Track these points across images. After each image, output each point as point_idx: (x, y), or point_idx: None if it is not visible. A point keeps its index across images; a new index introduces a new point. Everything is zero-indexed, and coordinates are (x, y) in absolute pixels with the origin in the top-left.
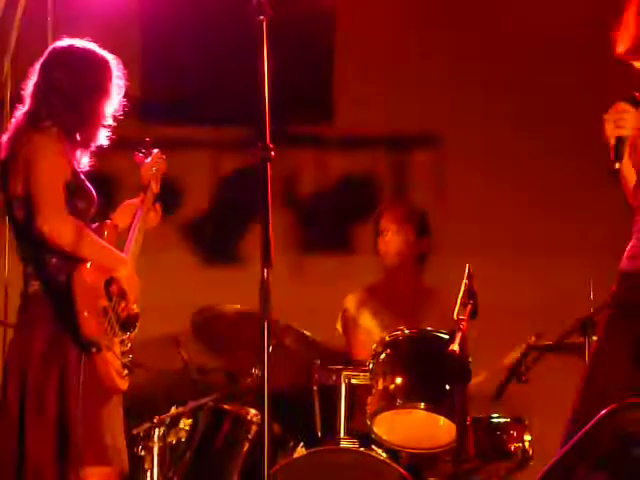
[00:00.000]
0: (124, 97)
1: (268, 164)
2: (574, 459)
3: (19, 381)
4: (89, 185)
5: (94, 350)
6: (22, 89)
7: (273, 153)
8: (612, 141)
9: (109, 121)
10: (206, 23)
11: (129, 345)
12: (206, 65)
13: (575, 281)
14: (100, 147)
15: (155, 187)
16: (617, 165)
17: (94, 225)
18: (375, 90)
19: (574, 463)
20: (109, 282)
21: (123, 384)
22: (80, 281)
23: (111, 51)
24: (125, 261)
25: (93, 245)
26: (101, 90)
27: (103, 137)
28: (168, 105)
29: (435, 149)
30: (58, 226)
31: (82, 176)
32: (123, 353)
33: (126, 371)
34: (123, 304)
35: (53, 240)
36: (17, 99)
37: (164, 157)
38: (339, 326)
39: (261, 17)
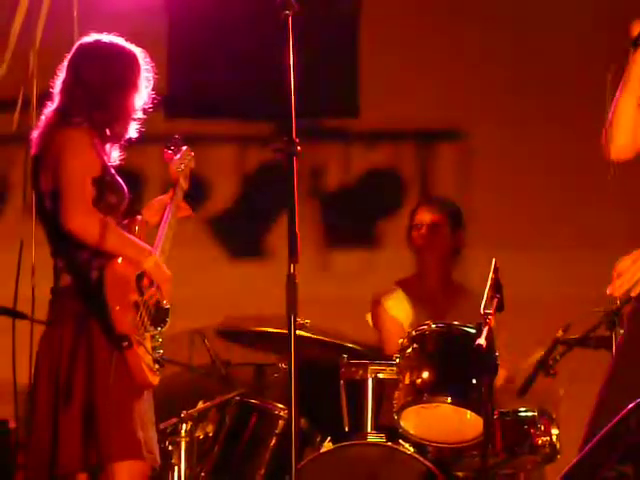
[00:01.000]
0: (152, 90)
1: (294, 159)
2: (601, 453)
3: (50, 376)
4: (120, 180)
5: (126, 345)
6: (49, 86)
7: (299, 148)
8: None
9: (138, 115)
10: (232, 18)
11: (160, 340)
12: (232, 60)
13: (602, 273)
14: (129, 141)
15: (184, 183)
16: None
17: (125, 220)
18: (400, 84)
19: (601, 457)
20: (140, 276)
21: (154, 379)
22: (112, 276)
23: (137, 46)
24: (150, 252)
25: (120, 239)
26: (130, 84)
27: (133, 131)
28: (194, 100)
29: (460, 143)
30: (84, 223)
31: (113, 171)
32: (154, 348)
33: (157, 366)
34: (156, 296)
35: (80, 237)
36: (43, 95)
37: (193, 154)
38: (369, 318)
39: (287, 12)
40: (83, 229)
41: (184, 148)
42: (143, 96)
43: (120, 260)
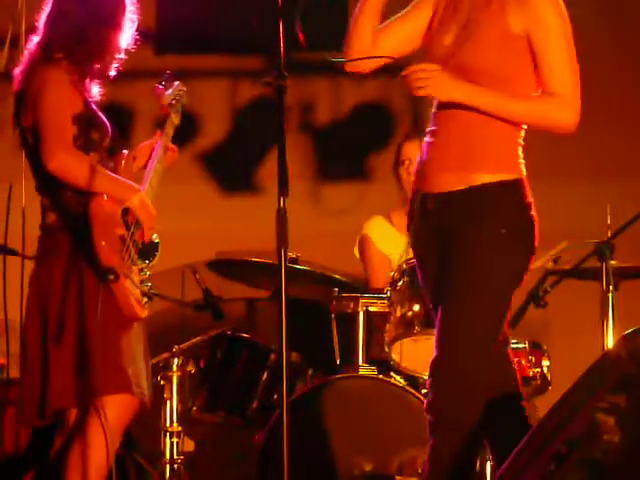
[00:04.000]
0: (138, 29)
1: (283, 92)
2: (589, 386)
3: (40, 311)
4: (102, 116)
5: (112, 278)
6: (36, 21)
7: (288, 81)
8: None
9: (121, 54)
10: None
11: (148, 274)
12: None
13: (592, 205)
14: (117, 77)
15: (175, 119)
16: None
17: (110, 156)
18: (388, 17)
19: (589, 390)
20: (125, 211)
21: (143, 312)
22: (97, 211)
23: None
24: (135, 189)
25: (102, 178)
26: (112, 22)
27: (114, 69)
28: (183, 35)
29: None
30: (64, 162)
31: (95, 107)
32: (142, 281)
33: (145, 299)
34: (139, 233)
35: (61, 176)
36: (32, 32)
37: (185, 89)
38: (356, 251)
39: None
40: (64, 168)
41: (176, 83)
42: (127, 36)
43: (105, 196)
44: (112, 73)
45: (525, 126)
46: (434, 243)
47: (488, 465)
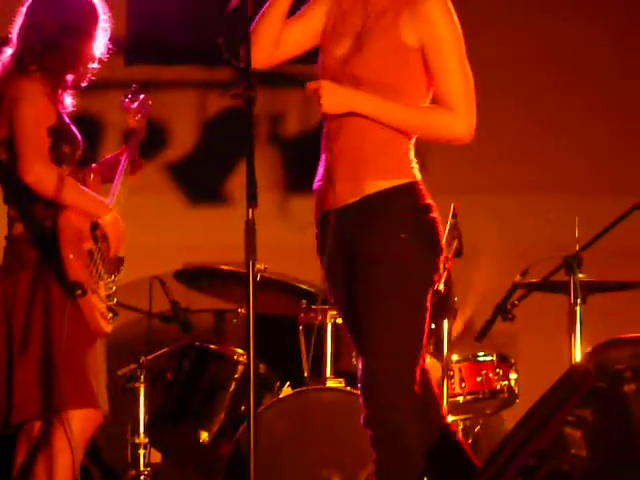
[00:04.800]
0: (110, 39)
1: (252, 104)
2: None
3: (5, 323)
4: (74, 128)
5: (79, 293)
6: (9, 33)
7: (256, 93)
8: None
9: (93, 64)
10: None
11: (114, 288)
12: (193, 4)
13: (560, 219)
14: (86, 88)
15: (141, 132)
16: None
17: (80, 169)
18: None
19: (556, 403)
20: (94, 226)
21: (107, 327)
22: (66, 224)
23: None
24: (109, 207)
25: (76, 193)
26: (85, 31)
27: (86, 79)
28: (154, 46)
29: None
30: (41, 175)
31: (67, 119)
32: (108, 296)
33: (111, 314)
34: (107, 248)
35: (36, 189)
36: (4, 42)
37: (150, 102)
38: None
39: None
40: (41, 181)
41: (142, 97)
42: (99, 45)
43: (74, 210)
44: (85, 84)
45: (416, 136)
46: (342, 262)
47: None
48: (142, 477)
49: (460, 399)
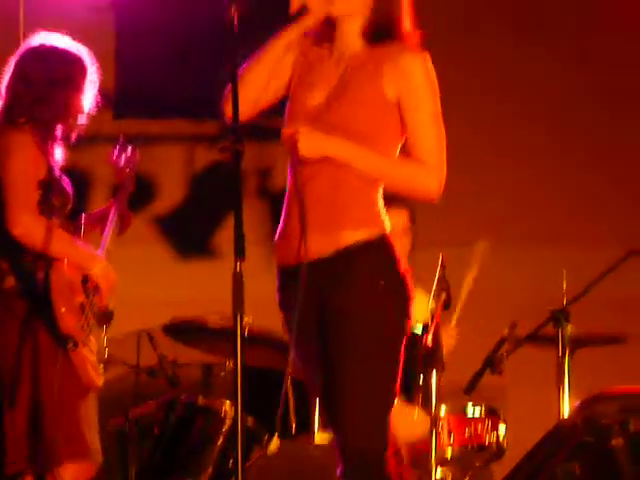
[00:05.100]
0: (98, 92)
1: (240, 158)
2: (545, 453)
3: None
4: (65, 181)
5: (71, 346)
6: None
7: (244, 146)
8: None
9: (82, 116)
10: (181, 17)
11: (104, 341)
12: (180, 59)
13: (548, 272)
14: (75, 141)
15: (130, 185)
16: None
17: (70, 221)
18: None
19: (545, 457)
20: (86, 278)
21: (99, 380)
22: (58, 277)
23: (85, 46)
24: (99, 259)
25: (66, 245)
26: (74, 83)
27: (76, 132)
28: (142, 100)
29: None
30: (30, 229)
31: (57, 172)
32: (98, 349)
33: (102, 367)
34: (98, 300)
35: (24, 241)
36: None
37: (138, 156)
38: None
39: (233, 9)
40: (29, 234)
41: (130, 150)
42: (88, 97)
43: (65, 262)
44: (74, 136)
45: (383, 186)
46: (313, 316)
47: None
48: None
49: (448, 452)
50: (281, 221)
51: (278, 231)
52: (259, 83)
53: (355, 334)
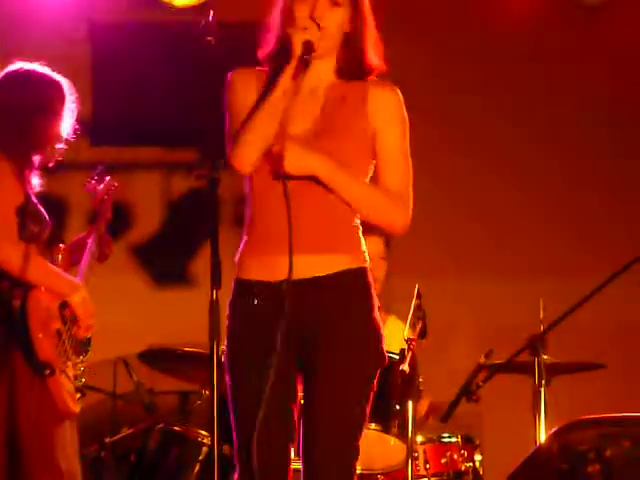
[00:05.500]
0: (76, 120)
1: (216, 185)
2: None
3: None
4: (42, 208)
5: (48, 373)
6: None
7: (221, 174)
8: None
9: (61, 144)
10: (158, 47)
11: (82, 369)
12: (157, 87)
13: (525, 300)
14: (52, 169)
15: (108, 213)
16: None
17: (47, 249)
18: None
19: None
20: (63, 305)
21: (76, 407)
22: (35, 304)
23: (62, 74)
24: (78, 286)
25: (45, 272)
26: (51, 111)
27: (54, 159)
28: (119, 127)
29: None
30: (8, 255)
31: (35, 199)
32: (76, 376)
33: (79, 394)
34: (75, 328)
35: (3, 268)
36: None
37: (116, 184)
38: None
39: (209, 38)
40: (7, 262)
41: (107, 179)
42: (66, 125)
43: (43, 289)
44: (54, 164)
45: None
46: (294, 343)
47: None
48: None
49: None
50: (254, 234)
51: (252, 244)
52: (272, 133)
53: (348, 360)
